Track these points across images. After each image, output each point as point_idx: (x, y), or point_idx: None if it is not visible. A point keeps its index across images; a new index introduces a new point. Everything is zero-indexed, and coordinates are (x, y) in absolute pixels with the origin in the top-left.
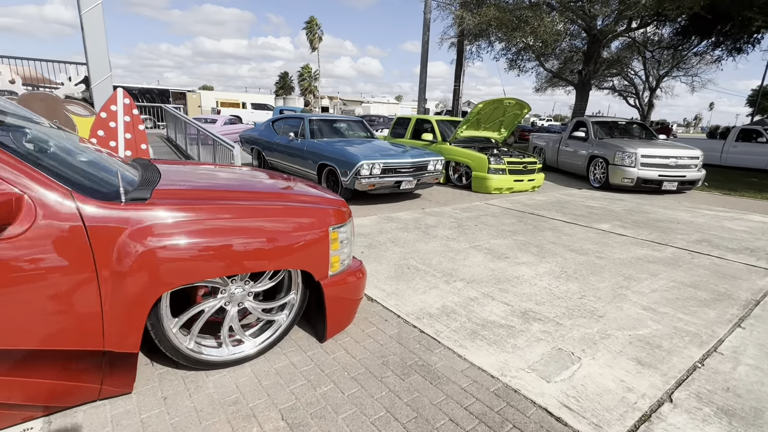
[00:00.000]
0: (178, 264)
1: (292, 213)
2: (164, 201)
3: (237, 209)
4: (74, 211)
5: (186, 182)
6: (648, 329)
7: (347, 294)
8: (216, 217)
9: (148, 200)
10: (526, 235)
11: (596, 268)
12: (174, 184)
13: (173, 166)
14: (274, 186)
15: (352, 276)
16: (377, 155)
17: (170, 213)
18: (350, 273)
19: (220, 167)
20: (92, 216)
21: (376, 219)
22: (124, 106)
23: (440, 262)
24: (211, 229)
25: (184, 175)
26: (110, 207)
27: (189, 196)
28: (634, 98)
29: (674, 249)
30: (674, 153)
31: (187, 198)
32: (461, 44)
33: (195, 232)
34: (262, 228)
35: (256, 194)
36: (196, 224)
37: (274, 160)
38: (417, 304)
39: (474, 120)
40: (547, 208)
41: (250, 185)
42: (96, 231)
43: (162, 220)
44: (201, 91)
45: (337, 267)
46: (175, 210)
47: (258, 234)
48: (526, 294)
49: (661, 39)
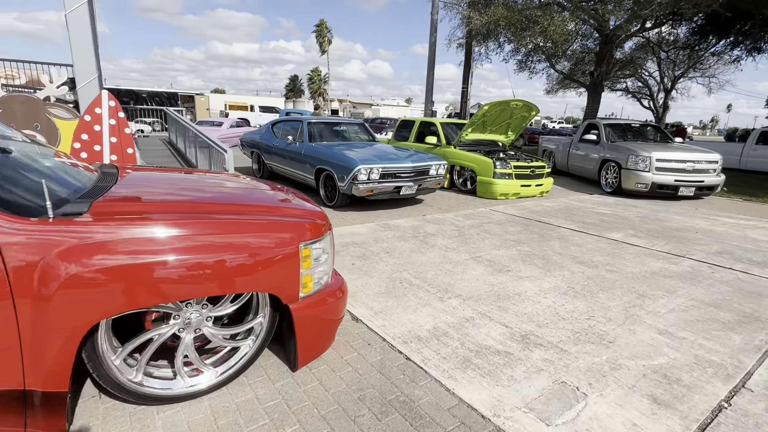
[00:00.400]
0: (114, 288)
1: (255, 228)
2: (103, 216)
3: (188, 224)
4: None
5: (141, 193)
6: (665, 358)
7: (324, 317)
8: (161, 234)
9: (84, 215)
10: (531, 245)
11: (606, 284)
12: (123, 195)
13: (141, 174)
14: (242, 196)
15: (331, 296)
16: (376, 159)
17: (107, 229)
18: (328, 293)
19: (196, 174)
20: (8, 234)
21: (373, 227)
22: (110, 108)
23: (436, 275)
24: (154, 249)
25: (143, 185)
26: (33, 224)
27: (136, 209)
28: (648, 100)
29: (692, 262)
30: (691, 157)
31: (133, 212)
32: (469, 45)
33: (135, 251)
34: (215, 245)
35: (218, 206)
36: (138, 243)
37: (273, 164)
38: (406, 325)
39: (479, 122)
40: (555, 215)
41: (215, 196)
42: (12, 251)
43: (96, 237)
44: (209, 94)
45: (311, 287)
46: (114, 226)
47: (211, 252)
48: (527, 314)
49: (676, 39)
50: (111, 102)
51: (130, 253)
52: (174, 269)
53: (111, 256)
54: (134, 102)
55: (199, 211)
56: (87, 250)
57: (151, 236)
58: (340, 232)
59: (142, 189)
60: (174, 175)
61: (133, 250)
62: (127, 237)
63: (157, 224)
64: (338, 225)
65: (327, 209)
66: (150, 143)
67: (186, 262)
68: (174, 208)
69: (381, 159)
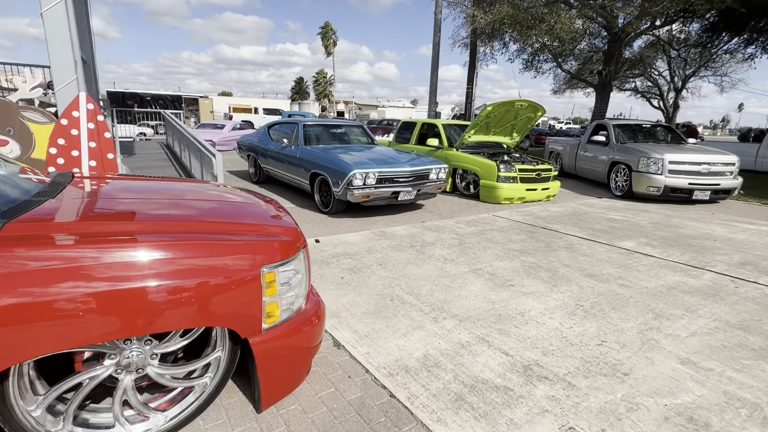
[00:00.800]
0: (22, 328)
1: (202, 251)
2: (16, 238)
3: (117, 248)
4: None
5: (75, 210)
6: (689, 396)
7: (295, 349)
8: (81, 262)
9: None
10: (537, 255)
11: (619, 301)
12: (53, 212)
13: (94, 185)
14: (200, 211)
15: (306, 324)
16: (372, 163)
17: (16, 253)
18: (301, 320)
19: (161, 183)
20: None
21: (368, 235)
22: (88, 111)
23: (431, 291)
24: (69, 280)
25: (86, 199)
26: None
27: (62, 228)
28: (658, 100)
29: (713, 274)
30: (706, 159)
31: (58, 231)
32: (474, 45)
33: (52, 279)
34: (154, 273)
35: (163, 224)
36: (48, 275)
37: (269, 167)
38: (393, 353)
39: (483, 124)
40: (563, 221)
41: (164, 212)
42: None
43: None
44: (213, 97)
45: (277, 316)
46: (28, 249)
47: (147, 281)
48: (531, 338)
49: (688, 37)
50: (89, 105)
51: (46, 282)
52: (101, 302)
53: (19, 286)
54: (138, 105)
55: (137, 231)
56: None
57: (66, 265)
58: (332, 241)
59: (81, 204)
60: (132, 185)
61: (50, 278)
62: (41, 265)
63: (76, 249)
64: (331, 233)
65: (322, 216)
66: (147, 147)
67: (108, 297)
68: (113, 229)
69: (378, 163)
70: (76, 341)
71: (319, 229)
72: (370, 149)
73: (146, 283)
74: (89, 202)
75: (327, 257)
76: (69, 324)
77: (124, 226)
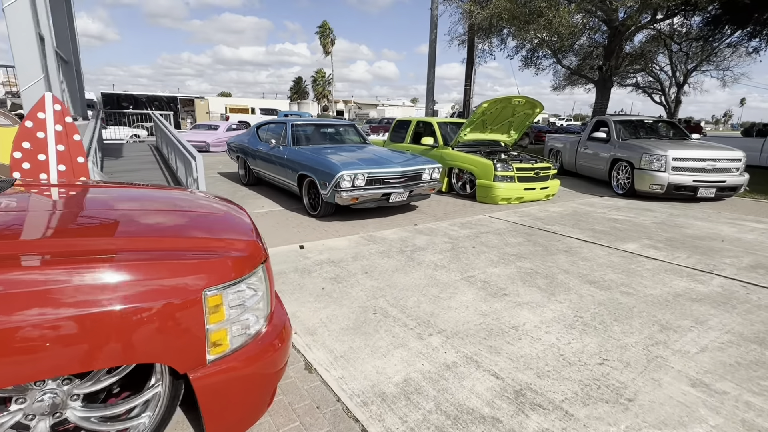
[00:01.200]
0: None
1: (129, 274)
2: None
3: (23, 271)
4: None
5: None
6: (703, 427)
7: (251, 379)
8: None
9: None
10: (534, 260)
11: (622, 311)
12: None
13: (26, 196)
14: (141, 225)
15: (267, 350)
16: (361, 164)
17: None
18: (259, 347)
19: (113, 190)
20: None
21: (356, 240)
22: (55, 113)
23: (418, 302)
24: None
25: (9, 210)
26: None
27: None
28: (659, 95)
29: (722, 279)
30: (711, 155)
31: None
32: (472, 42)
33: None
34: (62, 303)
35: (87, 242)
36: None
37: (258, 169)
38: (370, 376)
39: (479, 121)
40: (562, 222)
41: (98, 225)
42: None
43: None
44: (211, 98)
45: (226, 345)
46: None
47: (53, 312)
48: (524, 357)
49: (689, 30)
50: (56, 105)
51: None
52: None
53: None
54: (133, 106)
55: (50, 251)
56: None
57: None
58: (317, 246)
59: (10, 215)
60: (75, 194)
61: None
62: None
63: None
64: (318, 238)
65: (310, 219)
66: (137, 149)
67: (13, 331)
68: (14, 248)
69: (367, 163)
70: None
71: (305, 233)
72: (361, 149)
73: (53, 315)
74: (10, 216)
75: (310, 265)
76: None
77: (36, 246)
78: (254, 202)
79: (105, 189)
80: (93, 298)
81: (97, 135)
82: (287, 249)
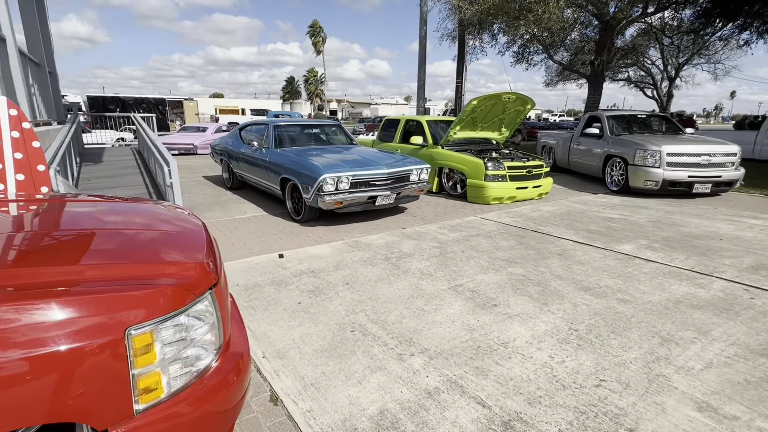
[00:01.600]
0: None
1: (30, 315)
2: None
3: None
4: None
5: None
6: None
7: (199, 422)
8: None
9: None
10: (526, 265)
11: (619, 322)
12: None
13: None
14: (77, 247)
15: (218, 388)
16: (345, 166)
17: None
18: (208, 386)
19: (57, 204)
20: None
21: (340, 246)
22: (10, 118)
23: (401, 317)
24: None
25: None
26: None
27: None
28: (651, 89)
29: (723, 282)
30: (706, 149)
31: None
32: (462, 38)
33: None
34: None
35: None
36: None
37: (242, 172)
38: (342, 408)
39: (468, 119)
40: (555, 222)
41: (22, 250)
42: None
43: None
44: (201, 99)
45: (161, 391)
46: None
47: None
48: (514, 380)
49: (680, 24)
50: (12, 110)
51: None
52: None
53: None
54: (120, 109)
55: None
56: None
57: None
58: (297, 255)
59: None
60: (5, 214)
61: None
62: None
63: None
64: (299, 245)
65: (293, 225)
66: (118, 153)
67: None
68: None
69: (352, 165)
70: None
71: (286, 240)
72: (347, 150)
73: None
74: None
75: (287, 276)
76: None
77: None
78: (237, 206)
79: (47, 204)
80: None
81: (69, 140)
82: (265, 259)
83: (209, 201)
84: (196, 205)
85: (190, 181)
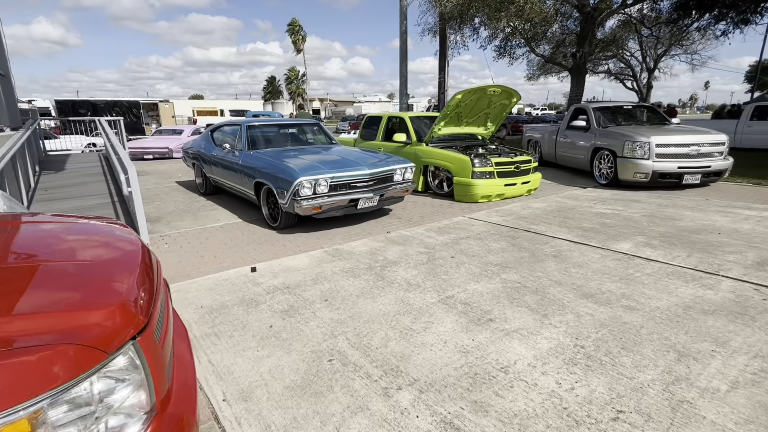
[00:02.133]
0: None
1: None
2: None
3: None
4: None
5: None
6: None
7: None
8: None
9: None
10: (521, 269)
11: (629, 335)
12: None
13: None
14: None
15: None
16: (323, 168)
17: None
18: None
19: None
20: None
21: (319, 256)
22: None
23: (386, 340)
24: None
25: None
26: None
27: None
28: (631, 81)
29: (731, 282)
30: (694, 139)
31: None
32: (443, 32)
33: None
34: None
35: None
36: None
37: (215, 177)
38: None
39: (453, 114)
40: (547, 220)
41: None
42: None
43: None
44: (177, 101)
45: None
46: None
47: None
48: (519, 416)
49: (659, 15)
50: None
51: None
52: None
53: None
54: (91, 113)
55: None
56: None
57: None
58: (272, 268)
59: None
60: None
61: None
62: None
63: None
64: (275, 256)
65: (270, 232)
66: (84, 160)
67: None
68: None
69: (330, 166)
70: None
71: (261, 250)
72: (326, 150)
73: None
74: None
75: (259, 294)
76: None
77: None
78: (210, 214)
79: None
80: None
81: (18, 147)
82: (236, 273)
83: (180, 209)
84: (167, 213)
85: (162, 187)
